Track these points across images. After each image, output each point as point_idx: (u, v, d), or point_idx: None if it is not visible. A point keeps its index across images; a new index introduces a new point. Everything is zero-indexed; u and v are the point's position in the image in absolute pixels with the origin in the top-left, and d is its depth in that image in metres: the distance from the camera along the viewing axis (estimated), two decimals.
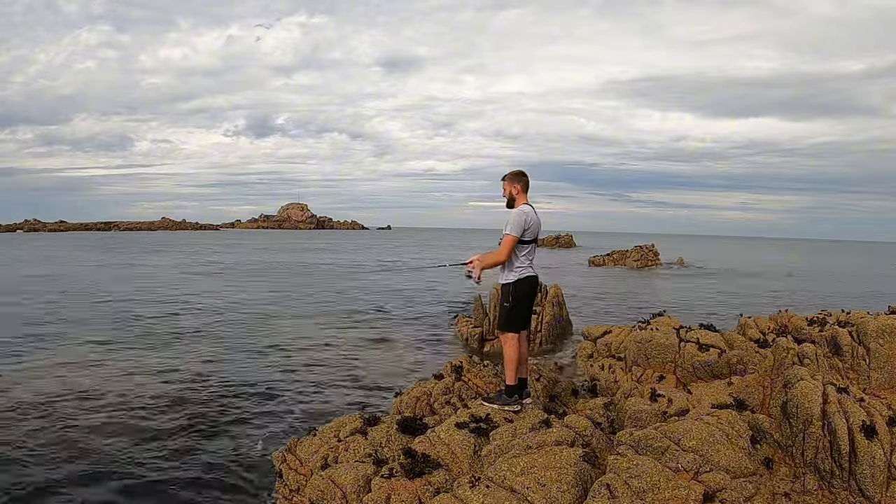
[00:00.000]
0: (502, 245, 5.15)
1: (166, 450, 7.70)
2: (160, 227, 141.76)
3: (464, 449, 4.61)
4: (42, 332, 15.51)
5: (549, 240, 78.77)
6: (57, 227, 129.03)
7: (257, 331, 16.46)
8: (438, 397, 5.98)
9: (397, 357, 13.56)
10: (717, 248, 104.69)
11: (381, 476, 4.41)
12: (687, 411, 5.31)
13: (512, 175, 5.36)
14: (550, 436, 4.53)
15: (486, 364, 6.67)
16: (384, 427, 5.36)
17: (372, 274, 35.82)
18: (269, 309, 20.54)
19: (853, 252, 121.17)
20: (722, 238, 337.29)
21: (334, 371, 12.06)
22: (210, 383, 10.88)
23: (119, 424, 8.65)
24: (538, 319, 14.83)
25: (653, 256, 47.76)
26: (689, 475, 3.89)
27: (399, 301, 23.51)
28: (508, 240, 5.13)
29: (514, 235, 5.13)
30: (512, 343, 5.24)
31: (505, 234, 5.16)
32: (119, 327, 16.48)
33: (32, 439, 7.97)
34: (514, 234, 5.13)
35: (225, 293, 24.92)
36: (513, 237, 5.13)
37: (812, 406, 4.34)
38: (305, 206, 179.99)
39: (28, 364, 12.02)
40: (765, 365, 6.71)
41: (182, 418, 8.94)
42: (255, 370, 11.99)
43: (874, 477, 3.97)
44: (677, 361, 7.38)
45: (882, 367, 5.81)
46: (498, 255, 5.19)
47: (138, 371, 11.70)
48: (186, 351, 13.66)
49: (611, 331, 9.63)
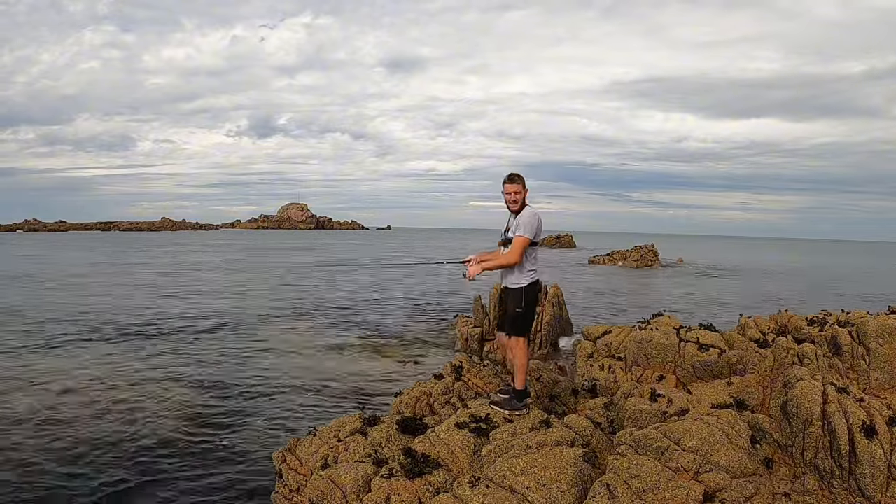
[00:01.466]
0: (515, 247, 4.97)
1: (166, 450, 7.70)
2: (160, 227, 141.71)
3: (464, 449, 4.61)
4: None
5: (549, 240, 78.76)
6: (57, 227, 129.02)
7: (257, 331, 16.46)
8: (438, 397, 5.97)
9: (397, 357, 13.55)
10: (718, 248, 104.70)
11: (381, 476, 4.41)
12: (687, 411, 5.30)
13: (521, 178, 5.12)
14: (550, 436, 4.52)
15: (485, 364, 6.67)
16: (384, 427, 5.36)
17: (371, 274, 35.84)
18: (263, 310, 20.53)
19: (854, 252, 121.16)
20: (722, 238, 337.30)
21: (334, 371, 12.06)
22: (209, 384, 10.87)
23: (117, 425, 8.65)
24: (538, 319, 14.83)
25: (652, 256, 47.76)
26: (689, 475, 3.89)
27: (399, 301, 23.51)
28: (522, 242, 4.95)
29: (528, 238, 4.96)
30: (523, 348, 5.16)
31: (517, 237, 4.97)
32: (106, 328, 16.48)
33: (31, 440, 7.97)
34: (529, 236, 4.96)
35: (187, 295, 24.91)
36: (527, 239, 4.96)
37: (812, 406, 4.33)
38: (305, 207, 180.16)
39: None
40: (765, 365, 6.70)
41: (181, 419, 8.94)
42: (255, 371, 11.99)
43: (874, 477, 3.96)
44: (677, 361, 7.37)
45: (882, 367, 5.80)
46: (509, 257, 5.00)
47: (136, 372, 11.70)
48: (186, 352, 13.65)
49: (611, 331, 9.61)
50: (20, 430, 8.28)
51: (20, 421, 8.64)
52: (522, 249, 4.98)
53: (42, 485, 6.64)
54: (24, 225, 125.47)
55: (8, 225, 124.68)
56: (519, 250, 4.97)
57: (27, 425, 8.47)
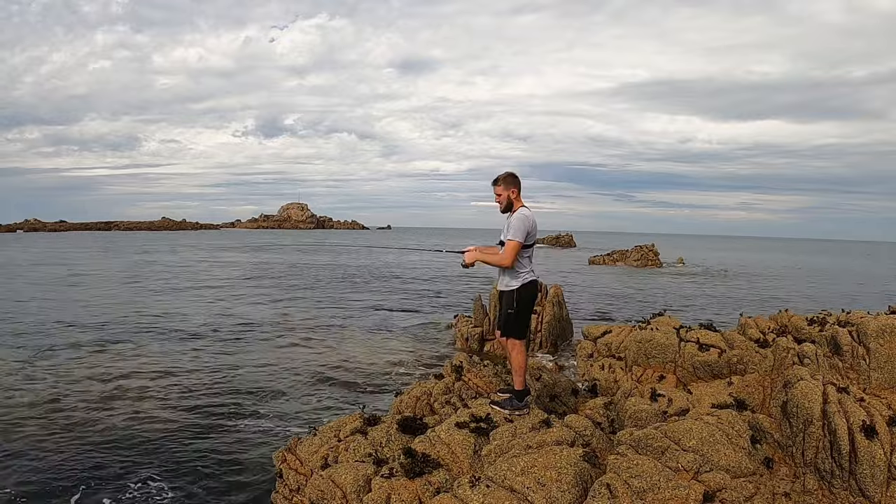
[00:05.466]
0: (507, 251, 4.95)
1: (166, 450, 7.70)
2: (160, 227, 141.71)
3: (464, 449, 4.60)
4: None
5: (549, 239, 78.74)
6: (57, 226, 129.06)
7: (255, 332, 16.46)
8: (438, 397, 5.97)
9: (397, 357, 13.55)
10: (718, 248, 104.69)
11: (381, 476, 4.41)
12: (687, 411, 5.30)
13: (507, 178, 5.09)
14: (550, 435, 4.52)
15: (485, 364, 6.67)
16: (384, 427, 5.36)
17: (368, 273, 35.84)
18: (262, 309, 20.54)
19: (855, 252, 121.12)
20: (723, 238, 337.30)
21: (334, 371, 12.06)
22: (209, 384, 10.88)
23: (117, 426, 8.66)
24: (538, 319, 14.83)
25: (653, 256, 47.75)
26: (689, 475, 3.89)
27: (399, 301, 23.51)
28: (514, 245, 4.93)
29: (518, 241, 4.94)
30: (520, 349, 5.16)
31: (508, 240, 4.96)
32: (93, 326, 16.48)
33: (31, 439, 7.98)
34: (519, 239, 4.94)
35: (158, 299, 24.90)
36: (517, 243, 4.94)
37: (812, 406, 4.33)
38: (305, 206, 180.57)
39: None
40: (765, 365, 6.70)
41: (181, 419, 8.95)
42: (254, 370, 11.99)
43: (874, 477, 3.96)
44: (677, 361, 7.37)
45: (882, 367, 5.79)
46: (502, 259, 4.98)
47: (134, 373, 11.70)
48: (186, 352, 13.66)
49: (611, 331, 9.61)
50: (21, 429, 8.29)
51: (21, 418, 8.65)
52: (514, 253, 4.95)
53: (42, 485, 6.64)
54: (25, 225, 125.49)
55: (8, 225, 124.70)
56: (511, 254, 4.95)
57: (27, 423, 8.48)
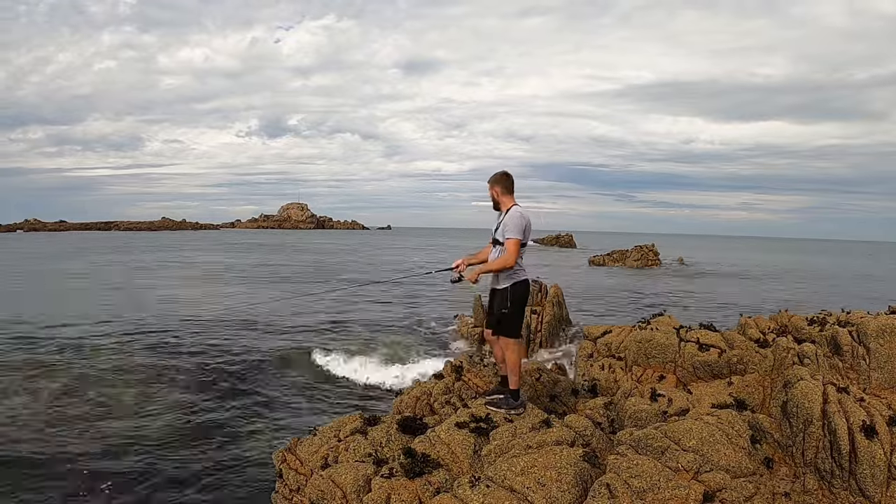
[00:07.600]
0: (509, 251, 4.97)
1: (167, 450, 7.70)
2: (160, 227, 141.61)
3: (464, 449, 4.60)
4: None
5: (549, 239, 78.67)
6: (57, 226, 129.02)
7: (254, 332, 16.46)
8: (438, 397, 5.97)
9: (397, 357, 13.55)
10: (719, 248, 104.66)
11: (381, 476, 4.41)
12: (687, 411, 5.30)
13: (494, 176, 5.21)
14: (550, 436, 4.52)
15: (485, 364, 6.67)
16: (384, 427, 5.36)
17: (365, 274, 35.85)
18: (261, 309, 20.53)
19: (856, 252, 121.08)
20: (724, 238, 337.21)
21: (334, 371, 12.06)
22: (208, 384, 10.88)
23: (118, 425, 8.66)
24: (538, 319, 14.82)
25: (653, 256, 47.72)
26: (689, 475, 3.89)
27: (398, 301, 23.50)
28: (515, 243, 4.97)
29: (518, 239, 4.98)
30: (515, 348, 5.16)
31: (508, 239, 4.98)
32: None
33: (31, 438, 7.98)
34: (518, 237, 4.98)
35: None
36: (517, 240, 4.98)
37: (812, 406, 4.33)
38: (305, 206, 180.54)
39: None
40: (765, 365, 6.70)
41: (181, 419, 8.95)
42: (254, 371, 11.99)
43: (874, 477, 3.96)
44: (677, 361, 7.36)
45: (882, 367, 5.79)
46: (505, 261, 4.99)
47: (133, 374, 11.70)
48: (186, 351, 13.65)
49: (611, 331, 9.60)
50: (20, 430, 8.29)
51: (21, 418, 8.65)
52: (517, 251, 4.99)
53: (42, 484, 6.64)
54: (25, 225, 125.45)
55: (8, 225, 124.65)
56: (514, 253, 4.97)
57: (28, 423, 8.47)
